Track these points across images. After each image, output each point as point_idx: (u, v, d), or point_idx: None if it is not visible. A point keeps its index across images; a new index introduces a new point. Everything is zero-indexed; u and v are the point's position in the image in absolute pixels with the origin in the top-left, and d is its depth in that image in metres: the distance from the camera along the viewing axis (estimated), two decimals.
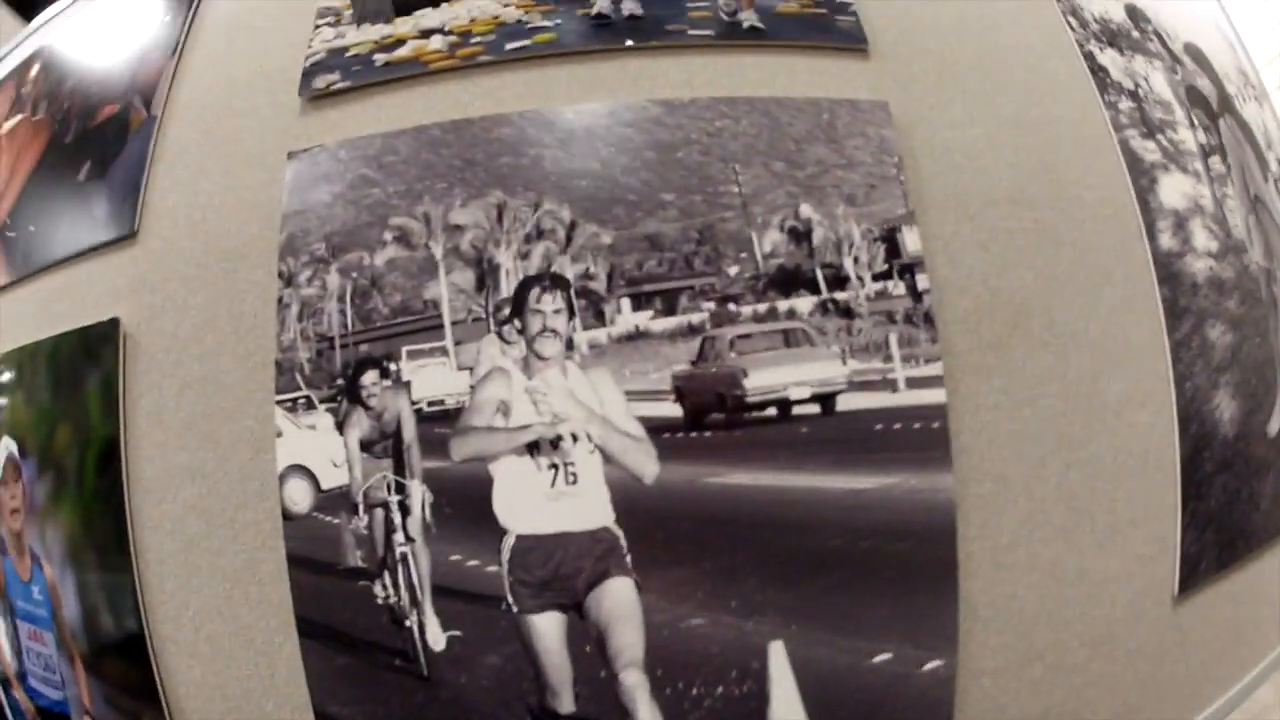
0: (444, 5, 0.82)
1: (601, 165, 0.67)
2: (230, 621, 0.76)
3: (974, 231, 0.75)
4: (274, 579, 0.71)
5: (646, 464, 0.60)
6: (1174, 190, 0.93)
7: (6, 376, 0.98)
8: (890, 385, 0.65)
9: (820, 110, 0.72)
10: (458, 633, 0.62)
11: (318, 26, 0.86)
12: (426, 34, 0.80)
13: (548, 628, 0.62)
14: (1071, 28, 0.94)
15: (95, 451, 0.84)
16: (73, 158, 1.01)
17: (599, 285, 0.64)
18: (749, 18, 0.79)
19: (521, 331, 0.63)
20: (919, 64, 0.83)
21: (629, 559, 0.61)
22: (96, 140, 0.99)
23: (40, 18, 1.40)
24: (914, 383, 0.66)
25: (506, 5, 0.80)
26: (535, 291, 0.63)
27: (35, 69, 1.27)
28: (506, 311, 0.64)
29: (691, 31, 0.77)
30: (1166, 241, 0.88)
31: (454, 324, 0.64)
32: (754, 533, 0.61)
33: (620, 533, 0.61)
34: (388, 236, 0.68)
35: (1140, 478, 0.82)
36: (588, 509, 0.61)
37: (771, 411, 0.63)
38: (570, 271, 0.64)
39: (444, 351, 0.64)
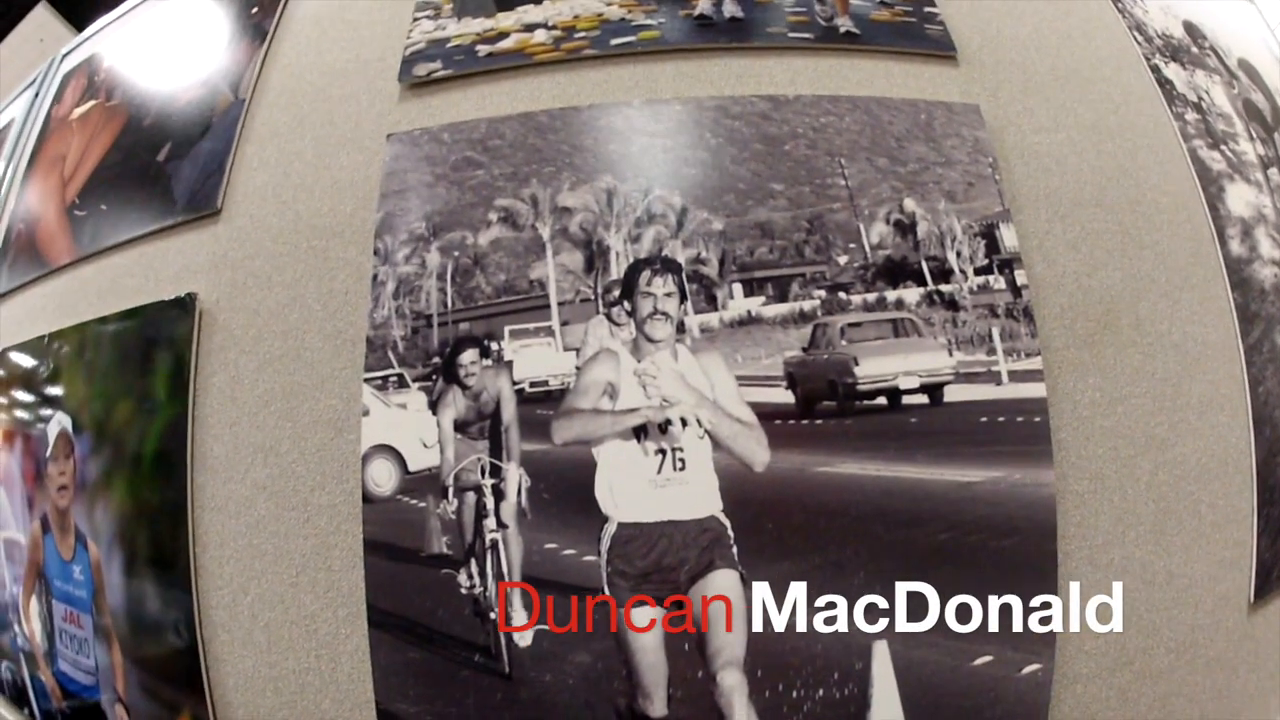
0: (546, 2, 0.85)
1: (711, 155, 0.68)
2: (293, 610, 0.73)
3: (1065, 231, 0.77)
4: (346, 566, 0.68)
5: (757, 451, 0.60)
6: (1240, 199, 0.96)
7: (65, 352, 0.97)
8: (994, 378, 0.65)
9: (918, 110, 0.74)
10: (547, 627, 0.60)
11: (416, 19, 0.88)
12: (530, 28, 0.82)
13: (643, 621, 0.59)
14: (1137, 42, 0.98)
15: (158, 428, 0.81)
16: (151, 140, 1.01)
17: (711, 270, 0.64)
18: (845, 23, 0.82)
19: (631, 314, 0.63)
20: (1003, 72, 0.86)
21: (735, 550, 0.59)
22: (178, 123, 1.00)
23: (114, 12, 1.43)
24: (1016, 376, 0.66)
25: (610, 3, 0.82)
26: (646, 274, 0.63)
27: (110, 59, 1.28)
28: (616, 293, 0.64)
29: (791, 35, 0.79)
30: (1236, 248, 0.90)
31: (561, 304, 0.63)
32: (863, 525, 0.60)
33: (728, 523, 0.60)
34: (493, 217, 0.68)
35: (1221, 480, 0.82)
36: (695, 497, 0.60)
37: (881, 401, 0.63)
38: (682, 256, 0.64)
39: (549, 332, 0.63)
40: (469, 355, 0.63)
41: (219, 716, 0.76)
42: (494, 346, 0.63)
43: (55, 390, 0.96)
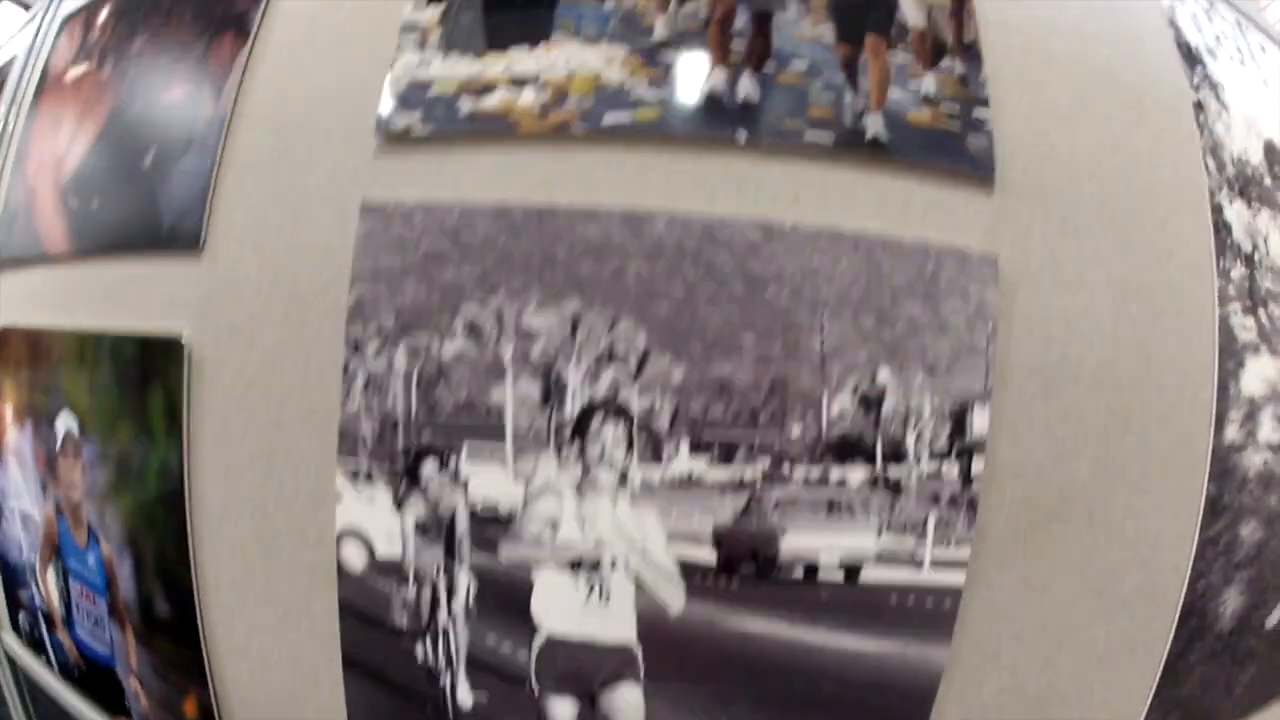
0: (541, 47, 0.74)
1: (686, 291, 0.64)
2: (281, 639, 0.82)
3: (1046, 413, 0.72)
4: (325, 616, 0.76)
5: (675, 598, 0.65)
6: (1257, 376, 0.88)
7: (68, 353, 0.98)
8: (917, 564, 0.68)
9: (926, 259, 0.66)
10: (484, 697, 0.70)
11: (401, 46, 0.77)
12: (519, 83, 0.72)
13: (562, 711, 0.70)
14: (1208, 171, 0.83)
15: (158, 461, 0.85)
16: (137, 138, 0.94)
17: (661, 425, 0.64)
18: (874, 125, 0.70)
19: (581, 455, 0.65)
20: (1043, 207, 0.75)
21: (642, 671, 0.67)
22: (162, 125, 0.92)
23: None
24: (939, 563, 0.68)
25: (610, 60, 0.72)
26: (599, 419, 0.64)
27: (105, 12, 1.14)
28: (568, 433, 0.65)
29: (809, 134, 0.69)
30: (1231, 434, 0.84)
31: (515, 434, 0.65)
32: (757, 672, 0.67)
33: (639, 650, 0.67)
34: (458, 327, 0.66)
35: (1124, 666, 0.82)
36: (615, 625, 0.67)
37: (797, 573, 0.66)
38: (636, 404, 0.64)
39: (503, 459, 0.65)
40: (430, 466, 0.67)
41: (222, 708, 0.87)
42: (453, 460, 0.66)
43: (60, 387, 0.98)
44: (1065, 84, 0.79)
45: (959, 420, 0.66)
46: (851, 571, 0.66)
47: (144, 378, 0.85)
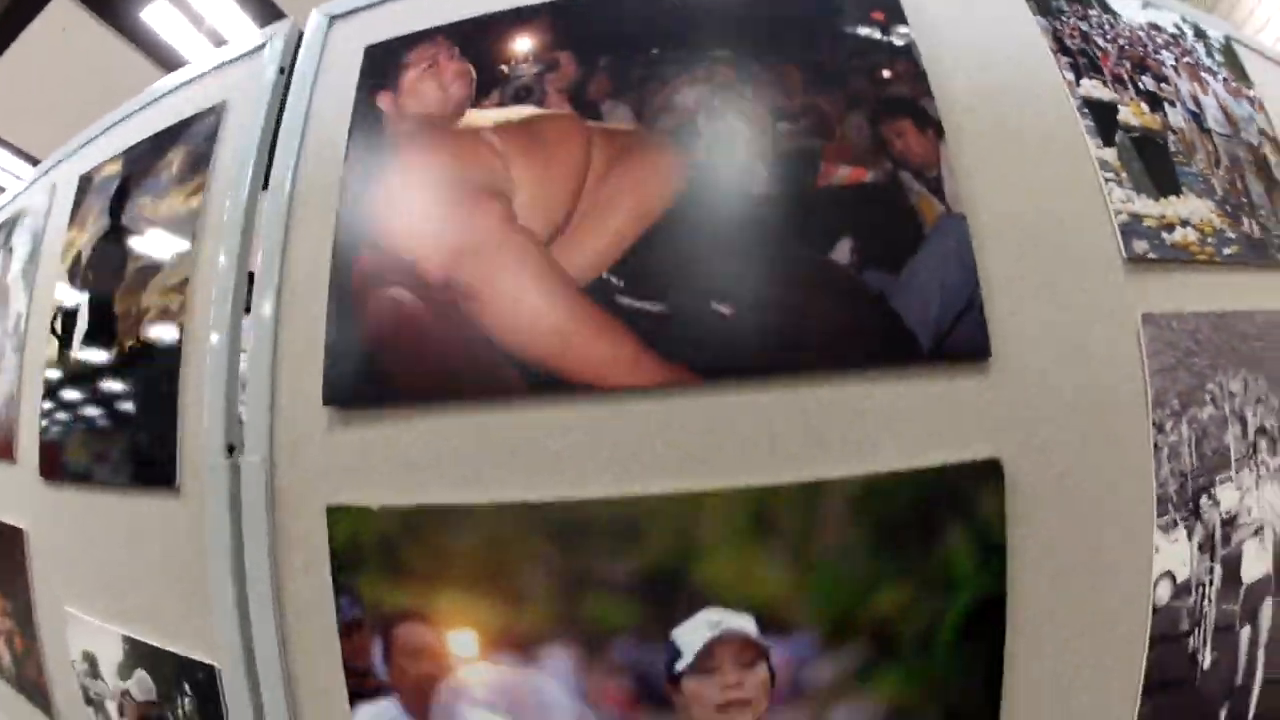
0: (1181, 197, 1.02)
1: (1275, 354, 1.05)
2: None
3: None
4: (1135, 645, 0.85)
5: None
6: None
7: (719, 523, 0.78)
8: None
9: None
10: (1216, 656, 1.00)
11: (1107, 180, 0.95)
12: (1184, 223, 1.00)
13: (1262, 618, 1.07)
14: None
15: (960, 606, 0.79)
16: (800, 222, 0.81)
17: (1276, 432, 1.06)
18: None
19: (1257, 463, 1.02)
20: None
21: (1274, 586, 1.10)
22: (857, 214, 0.84)
23: None
24: None
25: (1210, 211, 1.06)
26: (1262, 438, 1.02)
27: (545, 37, 0.80)
28: (1250, 450, 1.01)
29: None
30: None
31: (1235, 460, 0.96)
32: None
33: (1275, 574, 1.10)
34: (1207, 399, 0.94)
35: None
36: (1265, 563, 1.08)
37: None
38: (1270, 423, 1.04)
39: (1231, 479, 0.97)
40: (1204, 500, 0.93)
41: None
42: (1213, 490, 0.94)
43: (684, 580, 0.77)
44: None
45: None
46: None
47: (932, 518, 0.78)
